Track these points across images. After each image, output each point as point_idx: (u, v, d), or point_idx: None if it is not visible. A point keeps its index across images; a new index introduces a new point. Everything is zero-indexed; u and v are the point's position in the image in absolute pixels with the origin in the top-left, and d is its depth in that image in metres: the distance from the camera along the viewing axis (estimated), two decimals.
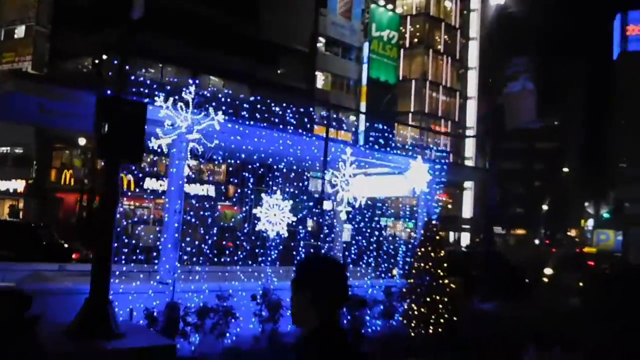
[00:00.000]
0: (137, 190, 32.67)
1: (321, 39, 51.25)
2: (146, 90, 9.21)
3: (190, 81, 9.67)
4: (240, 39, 41.54)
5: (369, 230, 14.87)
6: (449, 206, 58.35)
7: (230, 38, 40.85)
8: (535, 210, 71.42)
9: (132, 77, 9.26)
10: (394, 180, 14.88)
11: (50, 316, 7.71)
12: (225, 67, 40.51)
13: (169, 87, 9.52)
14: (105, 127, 7.33)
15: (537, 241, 69.42)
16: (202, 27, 38.79)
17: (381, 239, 14.81)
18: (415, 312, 11.88)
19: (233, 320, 9.99)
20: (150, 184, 32.07)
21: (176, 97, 9.50)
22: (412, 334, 11.81)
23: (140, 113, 7.70)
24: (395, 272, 13.67)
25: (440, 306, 11.90)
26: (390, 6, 54.42)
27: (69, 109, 9.31)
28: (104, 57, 34.99)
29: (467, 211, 57.41)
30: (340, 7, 52.39)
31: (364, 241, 14.86)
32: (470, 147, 59.31)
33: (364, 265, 14.10)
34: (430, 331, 11.76)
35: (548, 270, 19.32)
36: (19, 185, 42.34)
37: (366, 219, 15.14)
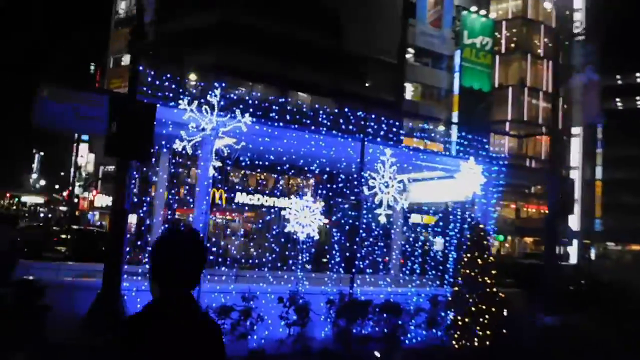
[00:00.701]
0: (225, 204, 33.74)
1: (410, 49, 50.54)
2: (170, 94, 9.45)
3: (217, 84, 9.81)
4: (327, 55, 42.00)
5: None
6: None
7: (317, 54, 41.44)
8: None
9: (169, 83, 9.58)
10: (449, 184, 14.16)
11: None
12: (313, 83, 41.15)
13: (194, 91, 9.70)
14: (114, 126, 7.60)
15: None
16: (289, 45, 39.69)
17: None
18: (459, 322, 11.12)
19: (259, 322, 9.95)
20: (241, 198, 33.16)
21: (202, 99, 9.69)
22: (456, 345, 11.05)
23: (150, 113, 7.92)
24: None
25: (487, 316, 11.04)
26: (483, 12, 52.62)
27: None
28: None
29: (574, 224, 53.50)
30: (430, 16, 51.40)
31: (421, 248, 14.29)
32: (575, 154, 55.42)
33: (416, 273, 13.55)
34: (476, 343, 10.93)
35: None
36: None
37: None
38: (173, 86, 9.63)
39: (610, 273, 20.10)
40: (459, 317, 11.14)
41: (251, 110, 10.21)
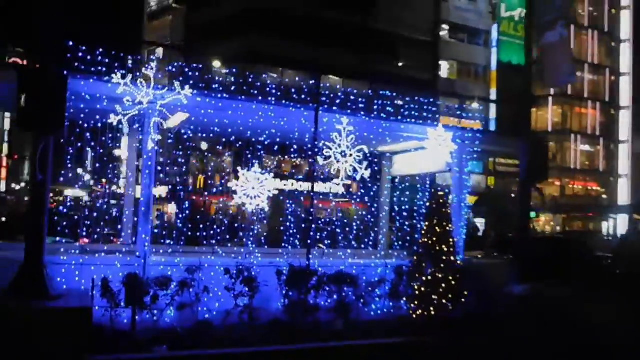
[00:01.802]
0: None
1: (444, 26, 49.14)
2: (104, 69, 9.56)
3: (153, 57, 9.84)
4: (359, 36, 41.40)
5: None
6: (604, 196, 52.40)
7: (348, 35, 40.90)
8: None
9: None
10: (426, 154, 13.71)
11: None
12: (345, 65, 40.70)
13: (130, 64, 9.79)
14: (23, 99, 7.75)
15: None
16: (320, 28, 39.38)
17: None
18: (417, 293, 10.77)
19: (205, 293, 9.99)
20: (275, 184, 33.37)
21: (137, 73, 9.75)
22: (414, 316, 10.73)
23: (60, 85, 8.02)
24: None
25: (443, 285, 10.64)
26: None
27: None
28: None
29: (623, 199, 50.86)
30: None
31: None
32: (625, 127, 52.55)
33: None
34: (433, 312, 10.57)
35: None
36: (162, 191, 46.88)
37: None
38: (107, 60, 9.70)
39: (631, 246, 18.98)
40: (417, 287, 10.80)
41: (191, 82, 10.21)
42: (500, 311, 11.38)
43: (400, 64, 45.24)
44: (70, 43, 9.32)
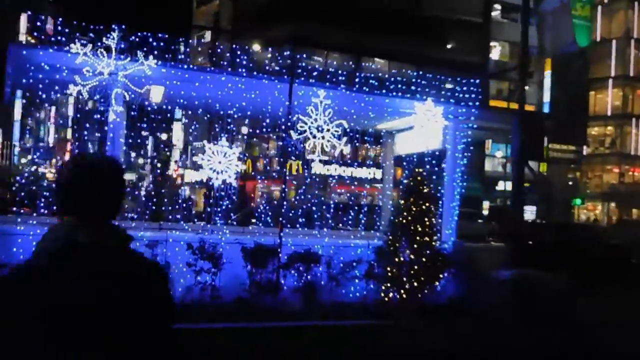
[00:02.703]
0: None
1: (496, 5, 47.10)
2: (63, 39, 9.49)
3: (115, 27, 9.68)
4: (405, 18, 40.32)
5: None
6: None
7: (395, 18, 39.92)
8: None
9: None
10: (422, 132, 12.98)
11: None
12: (391, 49, 39.80)
13: (92, 35, 9.67)
14: None
15: None
16: (365, 12, 38.64)
17: None
18: (389, 274, 10.19)
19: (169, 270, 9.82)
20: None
21: (99, 43, 9.62)
22: (385, 298, 10.16)
23: None
24: None
25: (416, 267, 10.00)
26: None
27: None
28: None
29: None
30: None
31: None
32: None
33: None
34: (404, 295, 9.97)
35: None
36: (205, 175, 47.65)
37: None
38: (66, 30, 9.61)
39: None
40: (389, 269, 10.21)
41: (156, 52, 9.99)
42: (478, 296, 10.66)
43: (449, 46, 43.80)
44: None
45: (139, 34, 10.00)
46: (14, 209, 10.32)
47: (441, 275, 10.33)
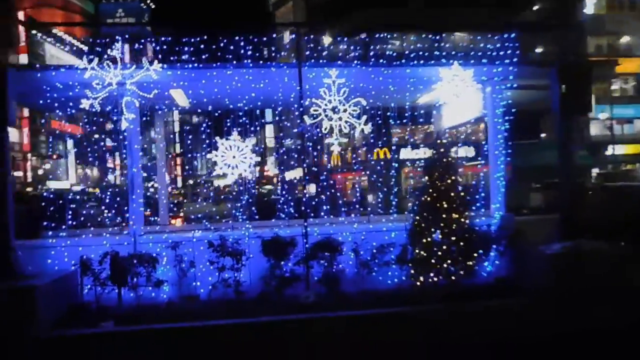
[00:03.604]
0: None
1: None
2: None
3: (118, 37, 9.88)
4: None
5: None
6: None
7: None
8: None
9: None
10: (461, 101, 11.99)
11: None
12: (472, 21, 37.95)
13: (99, 49, 9.94)
14: None
15: None
16: None
17: None
18: (417, 257, 9.43)
19: (192, 268, 9.90)
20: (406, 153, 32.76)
21: (105, 55, 9.86)
22: (417, 283, 9.41)
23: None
24: None
25: (444, 248, 9.16)
26: None
27: None
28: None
29: None
30: None
31: None
32: None
33: None
34: (435, 279, 9.18)
35: None
36: (298, 173, 48.64)
37: None
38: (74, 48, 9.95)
39: None
40: (417, 252, 9.45)
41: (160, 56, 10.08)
42: (527, 273, 9.56)
43: (535, 8, 40.82)
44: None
45: (142, 40, 10.11)
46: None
47: (475, 254, 9.37)
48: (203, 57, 10.20)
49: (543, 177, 15.34)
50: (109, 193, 11.35)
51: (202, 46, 10.15)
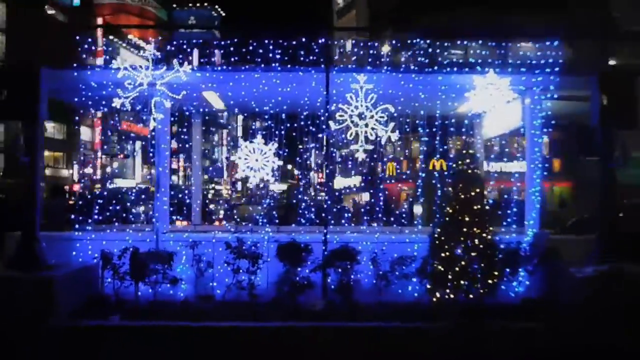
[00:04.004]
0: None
1: None
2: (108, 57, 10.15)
3: (152, 39, 10.14)
4: None
5: None
6: None
7: None
8: None
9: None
10: (501, 111, 11.52)
11: None
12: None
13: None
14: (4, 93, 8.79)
15: None
16: None
17: None
18: (435, 272, 9.02)
19: (209, 268, 9.94)
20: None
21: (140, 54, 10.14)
22: (434, 299, 9.01)
23: (32, 77, 8.85)
24: None
25: (463, 264, 8.71)
26: None
27: None
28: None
29: None
30: None
31: None
32: None
33: None
34: (452, 296, 8.75)
35: None
36: (356, 181, 48.71)
37: None
38: (110, 48, 10.25)
39: None
40: (435, 266, 9.05)
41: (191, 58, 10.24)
42: (549, 297, 8.97)
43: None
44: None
45: (174, 42, 10.34)
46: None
47: (496, 272, 8.86)
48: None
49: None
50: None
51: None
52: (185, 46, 10.40)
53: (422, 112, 12.03)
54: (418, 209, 19.66)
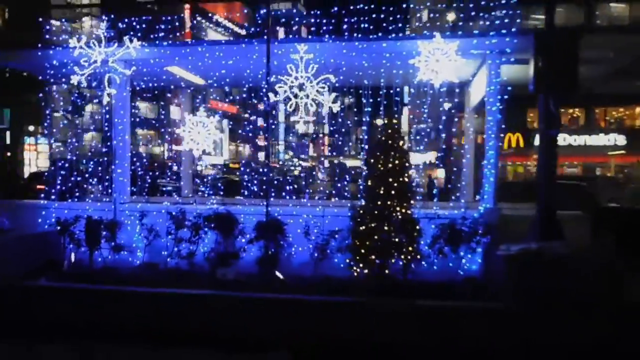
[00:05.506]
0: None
1: None
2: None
3: (104, 17, 10.57)
4: None
5: None
6: None
7: None
8: None
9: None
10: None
11: None
12: None
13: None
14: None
15: None
16: None
17: None
18: (355, 247, 8.68)
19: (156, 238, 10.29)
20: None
21: (93, 34, 10.65)
22: (355, 274, 8.69)
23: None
24: None
25: (376, 237, 8.31)
26: None
27: None
28: None
29: None
30: None
31: None
32: None
33: None
34: (366, 271, 8.40)
35: None
36: (431, 156, 47.14)
37: None
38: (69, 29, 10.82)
39: None
40: (355, 241, 8.69)
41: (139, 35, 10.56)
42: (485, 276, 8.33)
43: None
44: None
45: (126, 20, 10.67)
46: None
47: (411, 247, 8.33)
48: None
49: None
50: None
51: None
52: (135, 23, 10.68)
53: (382, 81, 11.40)
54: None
